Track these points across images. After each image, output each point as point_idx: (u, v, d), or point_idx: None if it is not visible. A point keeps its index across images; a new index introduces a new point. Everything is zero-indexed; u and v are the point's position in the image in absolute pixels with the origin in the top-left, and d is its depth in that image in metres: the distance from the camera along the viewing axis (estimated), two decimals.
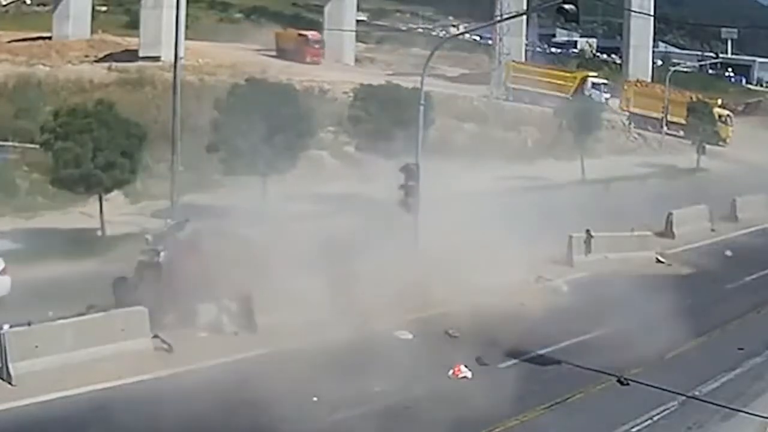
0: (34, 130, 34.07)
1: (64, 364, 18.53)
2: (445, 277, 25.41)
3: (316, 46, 74.44)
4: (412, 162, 27.55)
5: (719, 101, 65.98)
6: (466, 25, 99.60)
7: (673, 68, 70.93)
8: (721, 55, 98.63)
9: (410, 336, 22.02)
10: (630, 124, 64.69)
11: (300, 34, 75.53)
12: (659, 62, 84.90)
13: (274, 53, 74.06)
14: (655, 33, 78.94)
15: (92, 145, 29.59)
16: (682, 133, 61.04)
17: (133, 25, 73.49)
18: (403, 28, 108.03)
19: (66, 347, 18.89)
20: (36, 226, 32.09)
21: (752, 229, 37.10)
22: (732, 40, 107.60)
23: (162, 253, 22.37)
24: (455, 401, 18.34)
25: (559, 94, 60.66)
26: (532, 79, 65.72)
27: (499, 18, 60.53)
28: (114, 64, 62.17)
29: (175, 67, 29.20)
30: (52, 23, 70.91)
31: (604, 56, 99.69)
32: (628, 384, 19.50)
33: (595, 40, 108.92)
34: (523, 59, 71.62)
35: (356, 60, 75.91)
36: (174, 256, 22.32)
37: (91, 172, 29.53)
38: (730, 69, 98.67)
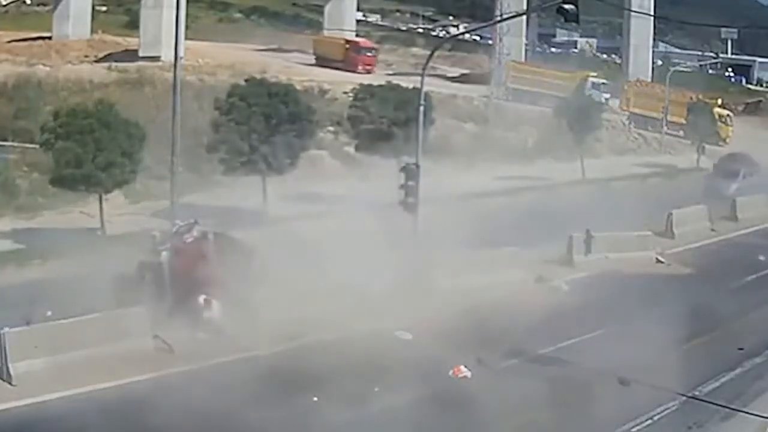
0: (34, 130, 34.12)
1: (64, 364, 18.53)
2: (444, 276, 25.44)
3: (369, 54, 70.67)
4: (412, 162, 27.54)
5: (719, 101, 65.94)
6: (466, 25, 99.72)
7: (673, 68, 70.85)
8: (721, 55, 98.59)
9: (410, 336, 22.02)
10: (630, 124, 64.67)
11: (348, 41, 71.57)
12: (659, 62, 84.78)
13: (312, 61, 70.98)
14: (655, 33, 78.87)
15: (93, 145, 29.60)
16: (682, 133, 61.02)
17: (133, 25, 73.48)
18: (403, 28, 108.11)
19: (66, 347, 18.89)
20: (36, 226, 32.09)
21: (752, 229, 37.07)
22: (732, 40, 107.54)
23: (164, 253, 22.37)
24: (455, 401, 18.36)
25: (559, 94, 60.58)
26: (532, 79, 65.71)
27: (499, 18, 60.47)
28: (114, 64, 62.12)
29: (175, 67, 29.18)
30: (52, 23, 70.91)
31: (604, 56, 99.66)
32: (628, 384, 19.49)
33: (595, 40, 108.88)
34: (523, 59, 71.55)
35: None
36: (178, 257, 22.32)
37: (92, 172, 29.54)
38: (730, 69, 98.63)
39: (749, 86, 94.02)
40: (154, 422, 16.73)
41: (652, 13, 72.13)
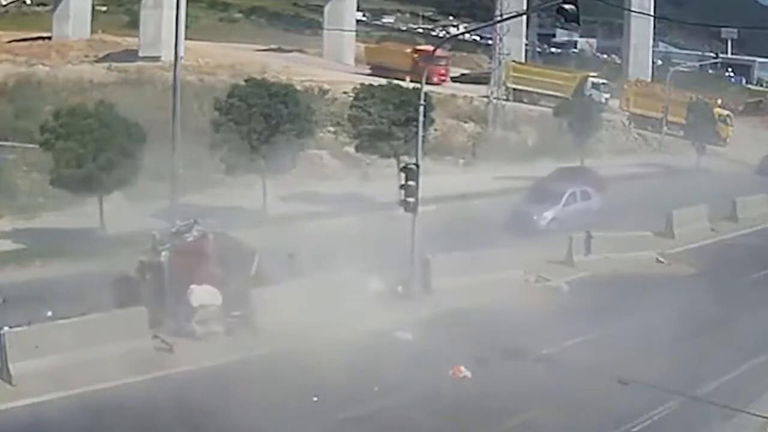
0: (34, 130, 34.11)
1: (64, 364, 18.52)
2: (444, 276, 25.42)
3: (443, 62, 65.73)
4: (412, 162, 27.53)
5: (719, 101, 65.93)
6: (466, 25, 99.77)
7: (673, 68, 70.85)
8: (721, 55, 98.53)
9: (410, 336, 22.01)
10: (630, 124, 64.66)
11: (417, 50, 65.62)
12: (659, 62, 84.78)
13: (368, 71, 66.16)
14: (655, 33, 78.90)
15: (93, 145, 29.61)
16: (682, 133, 61.01)
17: (133, 25, 73.55)
18: (403, 28, 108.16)
19: (66, 347, 18.88)
20: (36, 227, 32.09)
21: (753, 229, 37.02)
22: (732, 40, 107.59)
23: (164, 253, 22.36)
24: (455, 401, 18.36)
25: (559, 94, 60.62)
26: (532, 80, 65.73)
27: (499, 18, 60.43)
28: (114, 64, 62.15)
29: (175, 67, 29.12)
30: (52, 23, 71.00)
31: (604, 56, 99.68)
32: (627, 384, 19.49)
33: (595, 40, 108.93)
34: (523, 59, 71.58)
35: (356, 60, 75.70)
36: (178, 257, 22.31)
37: (92, 172, 29.55)
38: (730, 69, 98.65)
39: (749, 86, 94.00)
40: (154, 423, 16.74)
41: (652, 13, 72.13)
